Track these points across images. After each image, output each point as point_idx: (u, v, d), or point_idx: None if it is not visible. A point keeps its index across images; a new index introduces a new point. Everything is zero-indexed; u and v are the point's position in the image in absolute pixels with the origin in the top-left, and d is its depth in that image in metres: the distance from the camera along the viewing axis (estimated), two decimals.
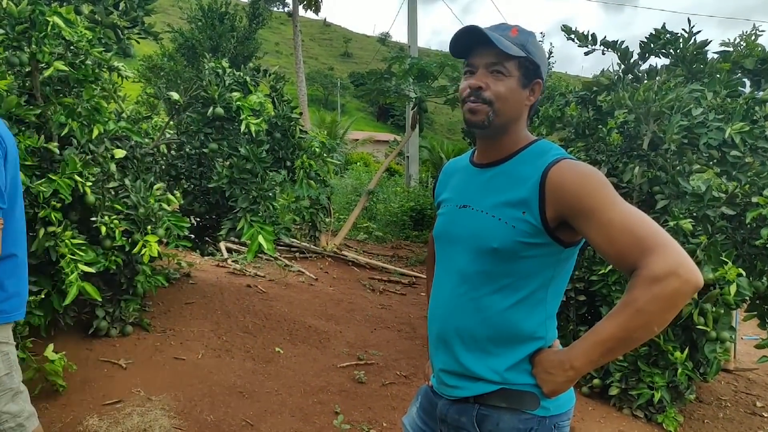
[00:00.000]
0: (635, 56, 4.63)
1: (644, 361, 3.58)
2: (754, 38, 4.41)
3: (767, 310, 3.64)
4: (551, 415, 1.27)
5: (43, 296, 3.01)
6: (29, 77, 3.23)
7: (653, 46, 4.53)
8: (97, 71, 3.27)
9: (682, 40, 4.39)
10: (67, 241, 2.93)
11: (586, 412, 3.63)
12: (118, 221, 3.19)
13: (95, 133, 3.20)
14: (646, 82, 4.44)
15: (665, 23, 4.48)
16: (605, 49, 4.66)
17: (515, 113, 1.32)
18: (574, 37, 4.72)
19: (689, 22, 4.38)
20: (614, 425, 3.52)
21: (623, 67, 4.65)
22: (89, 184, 3.06)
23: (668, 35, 4.44)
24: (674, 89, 3.84)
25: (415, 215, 10.96)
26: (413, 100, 8.76)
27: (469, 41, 1.30)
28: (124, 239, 3.21)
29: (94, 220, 3.17)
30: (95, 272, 3.06)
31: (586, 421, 3.51)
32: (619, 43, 4.60)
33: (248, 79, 4.24)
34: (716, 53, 4.43)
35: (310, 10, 17.91)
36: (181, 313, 4.24)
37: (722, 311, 3.33)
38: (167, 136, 4.38)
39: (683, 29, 4.38)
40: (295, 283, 6.02)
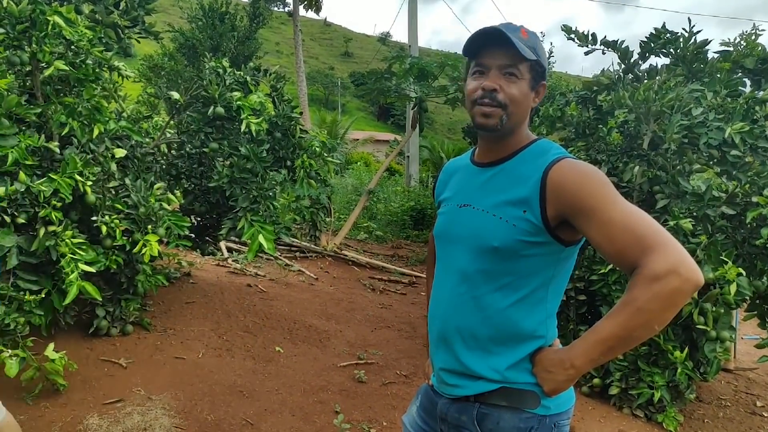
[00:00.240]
0: (635, 56, 4.63)
1: (644, 360, 3.58)
2: (754, 38, 4.41)
3: (767, 309, 3.64)
4: (551, 414, 1.27)
5: (43, 296, 3.01)
6: (30, 76, 3.24)
7: (653, 45, 4.53)
8: (97, 71, 3.28)
9: (682, 39, 4.39)
10: (67, 240, 2.93)
11: (586, 411, 3.63)
12: (118, 220, 3.19)
13: (96, 132, 3.21)
14: (646, 81, 4.44)
15: (665, 23, 4.49)
16: (605, 48, 4.66)
17: (524, 115, 1.32)
18: (574, 36, 4.72)
19: (689, 21, 4.39)
20: (614, 425, 3.52)
21: (623, 66, 4.65)
22: (90, 183, 3.06)
23: (668, 35, 4.44)
24: (674, 89, 3.84)
25: (415, 215, 10.96)
26: (413, 99, 8.77)
27: (481, 41, 1.28)
28: (124, 239, 3.21)
29: (94, 219, 3.17)
30: (95, 271, 3.06)
31: (586, 420, 3.52)
32: (619, 42, 4.60)
33: (249, 78, 4.25)
34: (716, 53, 4.43)
35: (310, 9, 17.94)
36: (181, 312, 4.24)
37: (722, 311, 3.33)
38: (168, 135, 4.38)
39: (683, 29, 4.39)
40: (295, 282, 6.02)
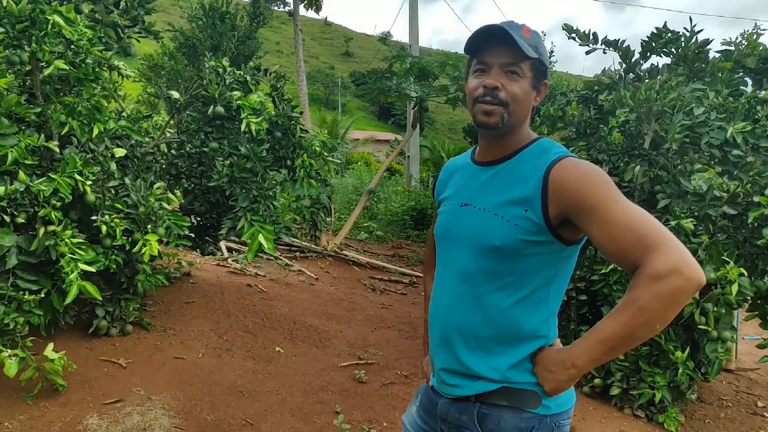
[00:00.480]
0: (636, 55, 4.61)
1: (645, 360, 3.57)
2: (755, 37, 4.40)
3: None
4: (552, 413, 1.26)
5: (42, 295, 3.01)
6: (29, 76, 3.23)
7: (655, 45, 4.52)
8: (97, 70, 3.27)
9: (683, 39, 4.38)
10: (67, 240, 2.92)
11: (587, 411, 3.62)
12: (118, 220, 3.19)
13: (95, 132, 3.20)
14: (647, 81, 4.43)
15: (666, 22, 4.47)
16: (606, 48, 4.65)
17: (526, 114, 1.31)
18: (575, 36, 4.71)
19: (690, 21, 4.38)
20: (615, 425, 3.51)
21: (625, 66, 4.64)
22: (89, 183, 3.05)
23: (669, 34, 4.43)
24: (676, 88, 3.83)
25: (415, 215, 10.95)
26: (414, 99, 8.76)
27: (484, 39, 1.27)
28: (124, 238, 3.20)
29: (94, 219, 3.16)
30: (95, 271, 3.05)
31: (587, 420, 3.51)
32: (620, 42, 4.59)
33: (249, 78, 4.24)
34: (718, 52, 4.43)
35: (311, 9, 17.96)
36: (181, 312, 4.24)
37: (723, 311, 3.32)
38: (167, 135, 4.38)
39: (684, 28, 4.37)
40: (295, 282, 6.02)
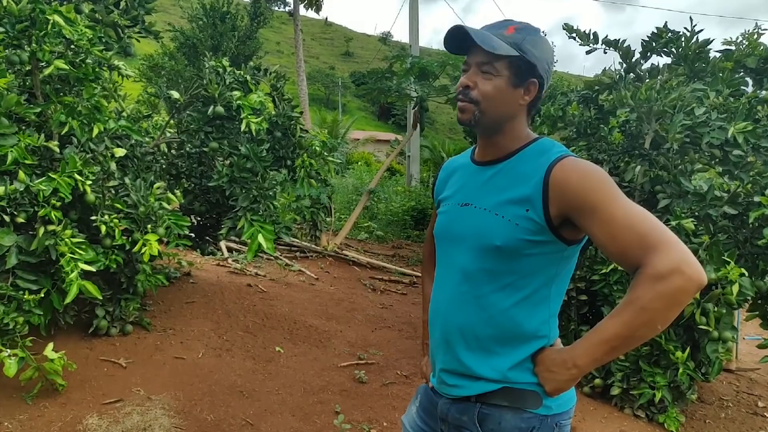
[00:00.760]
0: (637, 55, 4.61)
1: (646, 360, 3.56)
2: (756, 37, 4.40)
3: None
4: (553, 414, 1.26)
5: (42, 295, 3.00)
6: (29, 76, 3.23)
7: (655, 45, 4.51)
8: (97, 70, 3.27)
9: (684, 39, 4.37)
10: (67, 239, 2.92)
11: (587, 411, 3.62)
12: (118, 220, 3.19)
13: (95, 131, 3.20)
14: (648, 81, 4.43)
15: (667, 22, 4.47)
16: (607, 48, 4.65)
17: (505, 112, 1.30)
18: (575, 35, 4.71)
19: (691, 20, 4.37)
20: (615, 425, 3.51)
21: (625, 66, 4.64)
22: (89, 182, 3.05)
23: (670, 34, 4.42)
24: (676, 88, 3.83)
25: (416, 215, 10.94)
26: (414, 99, 8.75)
27: (465, 39, 1.29)
28: (124, 238, 3.20)
29: (94, 218, 3.16)
30: (95, 271, 3.05)
31: (587, 420, 3.50)
32: (620, 42, 4.59)
33: (249, 78, 4.23)
34: (718, 52, 4.42)
35: (311, 9, 17.96)
36: (181, 312, 4.23)
37: (724, 311, 3.31)
38: (167, 134, 4.37)
39: (685, 28, 4.37)
40: (295, 282, 6.01)
